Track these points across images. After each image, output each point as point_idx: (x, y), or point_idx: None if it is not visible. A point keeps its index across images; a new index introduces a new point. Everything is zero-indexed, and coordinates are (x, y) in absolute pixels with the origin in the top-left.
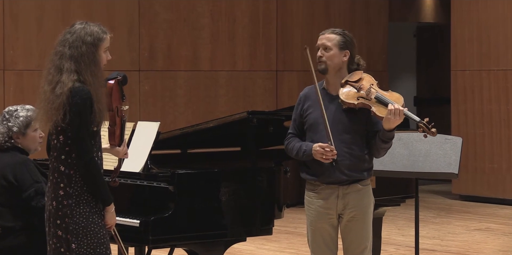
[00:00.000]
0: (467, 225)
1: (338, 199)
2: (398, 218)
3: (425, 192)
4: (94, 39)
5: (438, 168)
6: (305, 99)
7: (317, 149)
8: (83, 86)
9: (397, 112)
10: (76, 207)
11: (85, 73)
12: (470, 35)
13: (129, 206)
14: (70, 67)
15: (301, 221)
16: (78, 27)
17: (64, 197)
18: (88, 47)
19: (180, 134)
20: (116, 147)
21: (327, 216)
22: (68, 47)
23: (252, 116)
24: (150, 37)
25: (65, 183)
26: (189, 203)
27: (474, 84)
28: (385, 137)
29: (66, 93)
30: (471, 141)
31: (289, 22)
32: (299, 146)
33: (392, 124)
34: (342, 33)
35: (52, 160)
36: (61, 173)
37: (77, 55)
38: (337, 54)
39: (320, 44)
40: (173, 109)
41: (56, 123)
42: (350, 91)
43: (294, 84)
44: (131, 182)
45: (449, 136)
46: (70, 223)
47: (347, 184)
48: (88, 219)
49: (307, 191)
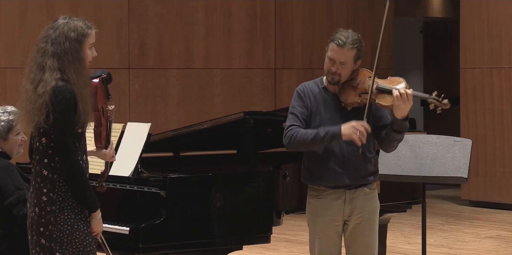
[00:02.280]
0: (477, 233)
1: (345, 203)
2: (404, 225)
3: (432, 198)
4: (78, 34)
5: (447, 171)
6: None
7: (354, 124)
8: (67, 85)
9: (404, 96)
10: (60, 214)
11: (69, 71)
12: (481, 31)
13: (118, 213)
14: (53, 65)
15: (301, 229)
16: (61, 22)
17: (47, 203)
18: (71, 44)
19: (172, 135)
20: (102, 149)
21: (333, 223)
22: (51, 44)
23: (249, 117)
24: (140, 33)
25: (48, 188)
26: (182, 209)
27: (484, 83)
28: (399, 127)
29: (48, 93)
30: (481, 143)
31: (289, 17)
32: (316, 130)
33: (403, 111)
34: (359, 42)
35: (35, 164)
36: (44, 178)
37: (60, 52)
38: (352, 66)
39: (336, 59)
40: (165, 109)
41: (39, 125)
42: (348, 91)
43: (293, 83)
44: (120, 187)
45: (458, 138)
46: (54, 230)
47: (354, 187)
48: (73, 226)
49: (309, 197)
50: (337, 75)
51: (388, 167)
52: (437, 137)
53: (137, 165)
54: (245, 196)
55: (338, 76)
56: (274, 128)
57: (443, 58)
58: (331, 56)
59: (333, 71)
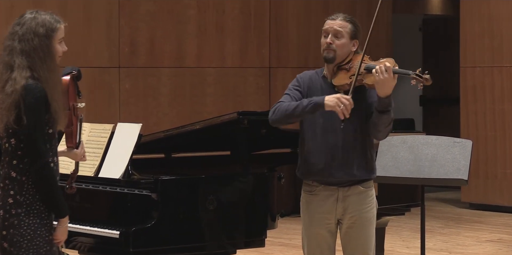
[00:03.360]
0: (478, 236)
1: (337, 202)
2: (402, 229)
3: (431, 200)
4: (47, 30)
5: (446, 173)
6: (307, 86)
7: (339, 96)
8: (37, 84)
9: (383, 69)
10: (25, 217)
11: (40, 69)
12: (481, 28)
13: (108, 216)
14: (22, 63)
15: (296, 232)
16: (28, 17)
17: (13, 205)
18: (41, 40)
19: (164, 136)
20: (74, 149)
21: (324, 221)
22: (18, 41)
23: (243, 117)
24: (131, 31)
25: (15, 190)
26: (174, 212)
27: (485, 82)
28: (381, 106)
29: (18, 92)
30: (482, 144)
31: (284, 14)
32: (299, 102)
33: (385, 88)
34: (354, 21)
35: (4, 166)
36: (12, 180)
37: (29, 49)
38: (347, 44)
39: (331, 30)
40: (156, 109)
41: (8, 125)
42: (341, 75)
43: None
44: (110, 189)
45: (458, 139)
46: (15, 234)
47: (348, 185)
48: (35, 232)
49: (303, 193)
50: (332, 50)
51: (386, 168)
52: (437, 137)
53: (128, 167)
54: (238, 198)
55: (333, 51)
56: (268, 128)
57: (443, 56)
58: (325, 29)
59: (328, 43)
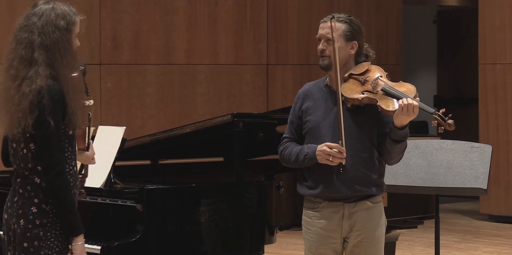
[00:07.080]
0: (498, 251)
1: (343, 219)
2: (414, 243)
3: (447, 212)
4: (68, 23)
5: (463, 182)
6: (304, 98)
7: (323, 149)
8: (54, 84)
9: (410, 107)
10: (51, 228)
11: (60, 66)
12: (502, 20)
13: (88, 229)
14: (42, 59)
15: (296, 247)
16: (45, 8)
17: (37, 215)
18: (62, 33)
19: (150, 141)
20: (84, 151)
21: (329, 240)
22: (38, 34)
23: (238, 119)
24: (113, 23)
25: (40, 199)
26: (161, 225)
27: (506, 80)
28: (396, 136)
29: (34, 93)
30: (503, 150)
31: (283, 5)
32: (299, 149)
33: (404, 120)
34: (348, 20)
35: (25, 173)
36: (37, 186)
37: (49, 44)
38: (343, 47)
39: (322, 35)
40: (142, 111)
41: (25, 130)
42: (353, 85)
43: (288, 81)
44: (91, 200)
45: (476, 143)
46: (41, 247)
47: (354, 201)
48: (63, 244)
49: (305, 210)
50: (327, 57)
51: (397, 177)
52: (453, 142)
53: (110, 175)
54: (233, 210)
55: (327, 58)
56: (266, 132)
57: (459, 52)
58: (318, 35)
59: (321, 50)
